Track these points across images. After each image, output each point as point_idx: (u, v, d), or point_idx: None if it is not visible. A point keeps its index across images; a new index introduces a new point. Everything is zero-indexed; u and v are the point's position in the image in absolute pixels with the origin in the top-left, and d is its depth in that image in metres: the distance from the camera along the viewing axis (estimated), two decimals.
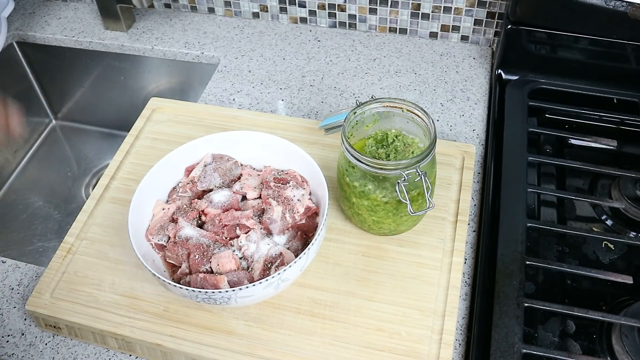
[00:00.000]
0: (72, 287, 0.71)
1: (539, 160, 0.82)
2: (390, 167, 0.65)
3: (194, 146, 0.77)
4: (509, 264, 0.69)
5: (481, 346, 0.65)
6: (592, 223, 0.80)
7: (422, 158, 0.65)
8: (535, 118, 0.89)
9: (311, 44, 1.07)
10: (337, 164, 0.72)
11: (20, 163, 1.13)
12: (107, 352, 0.69)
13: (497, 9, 0.99)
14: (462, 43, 1.05)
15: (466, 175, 0.80)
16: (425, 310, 0.68)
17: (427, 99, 0.96)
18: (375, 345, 0.65)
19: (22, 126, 0.47)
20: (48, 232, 1.06)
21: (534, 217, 0.78)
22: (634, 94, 0.89)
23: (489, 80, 0.99)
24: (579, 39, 0.89)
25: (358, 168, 0.67)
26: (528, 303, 0.66)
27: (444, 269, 0.71)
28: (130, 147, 0.87)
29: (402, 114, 0.71)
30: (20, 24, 1.16)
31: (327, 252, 0.73)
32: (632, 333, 0.65)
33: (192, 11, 1.16)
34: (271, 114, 0.93)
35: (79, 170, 1.15)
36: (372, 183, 0.68)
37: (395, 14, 1.04)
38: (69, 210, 1.09)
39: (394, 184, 0.67)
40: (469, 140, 0.89)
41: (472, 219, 0.79)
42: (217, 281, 0.64)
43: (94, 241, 0.76)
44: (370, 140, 0.73)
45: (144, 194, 0.72)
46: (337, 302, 0.69)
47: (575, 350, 0.66)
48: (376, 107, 0.71)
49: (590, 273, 0.70)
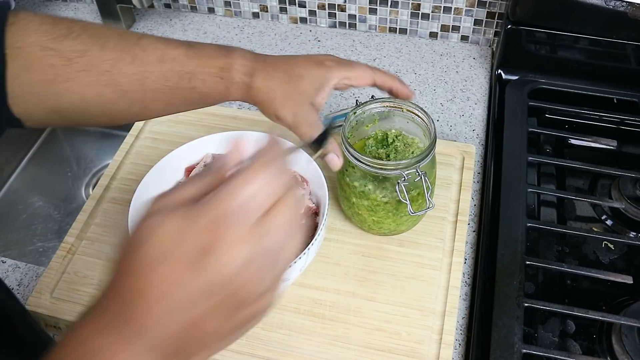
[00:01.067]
0: (72, 287, 0.71)
1: (539, 160, 0.82)
2: (391, 167, 0.65)
3: (194, 146, 0.77)
4: (509, 264, 0.69)
5: (481, 346, 0.65)
6: (592, 223, 0.80)
7: (422, 158, 0.65)
8: (535, 118, 0.89)
9: (311, 44, 1.07)
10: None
11: (20, 163, 1.13)
12: None
13: (497, 9, 0.99)
14: (462, 43, 1.05)
15: (466, 175, 0.80)
16: (425, 310, 0.68)
17: (427, 99, 0.96)
18: (375, 345, 0.65)
19: None
20: (48, 232, 1.06)
21: (534, 217, 0.78)
22: (634, 94, 0.89)
23: (489, 80, 0.99)
24: (579, 39, 0.89)
25: (358, 168, 0.67)
26: (528, 303, 0.66)
27: (444, 269, 0.71)
28: (130, 147, 0.87)
29: (402, 114, 0.71)
30: None
31: (327, 252, 0.73)
32: (632, 333, 0.65)
33: (192, 11, 1.16)
34: None
35: (79, 170, 1.15)
36: (372, 183, 0.68)
37: (395, 14, 1.04)
38: (69, 210, 1.09)
39: (394, 184, 0.67)
40: (469, 140, 0.89)
41: (472, 219, 0.79)
42: None
43: (94, 241, 0.76)
44: (370, 140, 0.73)
45: (144, 194, 0.72)
46: (337, 302, 0.69)
47: (575, 350, 0.66)
48: (376, 107, 0.71)
49: (590, 273, 0.70)
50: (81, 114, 0.60)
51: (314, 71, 0.64)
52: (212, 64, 0.61)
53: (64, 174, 1.14)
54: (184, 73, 0.60)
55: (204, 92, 0.62)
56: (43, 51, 0.55)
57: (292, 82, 0.63)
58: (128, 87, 0.59)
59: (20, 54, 0.54)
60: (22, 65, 0.55)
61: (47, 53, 0.55)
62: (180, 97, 0.62)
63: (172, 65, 0.60)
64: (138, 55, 0.59)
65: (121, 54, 0.58)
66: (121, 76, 0.58)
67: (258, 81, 0.63)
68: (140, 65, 0.59)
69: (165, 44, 0.61)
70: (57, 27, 0.56)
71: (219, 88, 0.62)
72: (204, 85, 0.62)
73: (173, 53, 0.60)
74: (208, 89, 0.62)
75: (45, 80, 0.56)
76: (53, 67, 0.56)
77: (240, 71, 0.62)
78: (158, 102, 0.62)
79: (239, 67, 0.62)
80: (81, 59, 0.56)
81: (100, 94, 0.58)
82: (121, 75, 0.58)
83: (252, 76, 0.63)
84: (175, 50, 0.60)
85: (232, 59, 0.62)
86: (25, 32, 0.55)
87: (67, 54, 0.56)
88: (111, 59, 0.57)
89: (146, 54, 0.59)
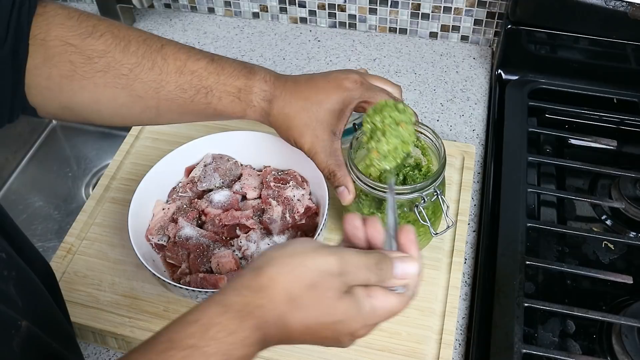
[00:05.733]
0: (72, 287, 0.71)
1: (539, 160, 0.82)
2: (407, 192, 0.63)
3: (194, 146, 0.77)
4: (509, 264, 0.69)
5: (481, 346, 0.65)
6: (592, 223, 0.80)
7: (436, 177, 0.64)
8: (535, 118, 0.89)
9: (311, 44, 1.07)
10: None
11: (20, 163, 1.12)
12: (107, 352, 0.69)
13: (497, 9, 0.99)
14: (462, 43, 1.05)
15: (466, 175, 0.80)
16: (425, 310, 0.68)
17: (427, 99, 0.96)
18: (375, 345, 0.65)
19: None
20: (48, 232, 1.06)
21: (534, 217, 0.78)
22: (634, 94, 0.89)
23: (489, 80, 0.99)
24: (579, 39, 0.89)
25: (371, 195, 0.66)
26: (528, 303, 0.66)
27: (444, 269, 0.71)
28: (130, 147, 0.87)
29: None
30: None
31: None
32: (632, 333, 0.65)
33: (192, 11, 1.16)
34: None
35: (79, 170, 1.15)
36: (379, 209, 0.67)
37: (395, 14, 1.04)
38: (69, 210, 1.09)
39: (403, 206, 0.66)
40: (469, 140, 0.89)
41: (472, 219, 0.79)
42: (217, 281, 0.64)
43: (94, 241, 0.76)
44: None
45: (144, 194, 0.72)
46: None
47: (575, 350, 0.66)
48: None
49: (590, 273, 0.70)
50: (94, 114, 0.60)
51: (335, 96, 0.63)
52: (231, 83, 0.61)
53: (64, 174, 1.14)
54: (201, 87, 0.60)
55: (220, 109, 0.62)
56: (64, 46, 0.55)
57: (312, 110, 0.62)
58: (143, 93, 0.59)
59: (42, 45, 0.54)
60: (43, 57, 0.55)
61: (68, 49, 0.55)
62: (195, 110, 0.62)
63: (191, 78, 0.60)
64: (158, 63, 0.58)
65: (141, 60, 0.58)
66: (138, 82, 0.58)
67: (277, 108, 0.62)
68: (159, 73, 0.59)
69: (187, 54, 0.60)
70: (82, 24, 0.56)
71: (235, 108, 0.62)
72: (219, 103, 0.61)
73: (193, 66, 0.60)
74: (224, 107, 0.62)
75: (62, 75, 0.56)
76: (72, 63, 0.56)
77: (260, 96, 0.62)
78: (172, 111, 0.62)
79: (259, 91, 0.62)
80: (101, 60, 0.57)
81: (114, 97, 0.58)
82: (138, 80, 0.58)
83: (271, 102, 0.62)
84: (196, 63, 0.60)
85: (252, 81, 0.62)
86: (50, 24, 0.55)
87: (87, 53, 0.56)
88: (130, 63, 0.57)
89: (166, 62, 0.59)
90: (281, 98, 0.62)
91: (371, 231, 0.47)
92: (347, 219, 0.47)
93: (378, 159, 0.61)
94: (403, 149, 0.61)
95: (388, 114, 0.61)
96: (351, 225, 0.47)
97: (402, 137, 0.61)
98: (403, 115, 0.61)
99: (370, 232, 0.47)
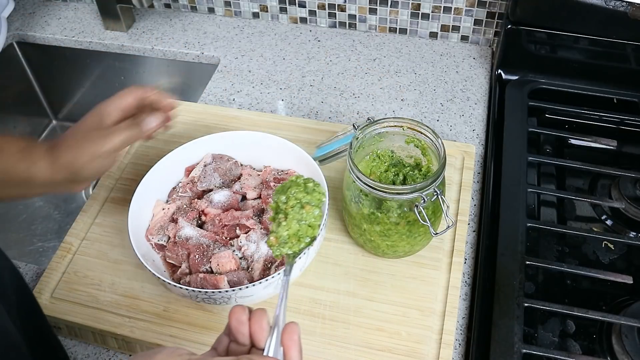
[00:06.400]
0: (72, 287, 0.71)
1: (539, 160, 0.82)
2: (407, 191, 0.63)
3: (194, 146, 0.77)
4: (509, 264, 0.69)
5: (481, 346, 0.65)
6: (592, 223, 0.80)
7: (436, 177, 0.63)
8: (535, 118, 0.89)
9: (311, 44, 1.07)
10: (343, 193, 0.70)
11: None
12: (107, 352, 0.69)
13: (497, 9, 0.99)
14: (462, 43, 1.05)
15: (466, 175, 0.80)
16: (425, 310, 0.68)
17: (427, 99, 0.96)
18: (375, 345, 0.65)
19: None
20: (48, 232, 1.06)
21: (534, 217, 0.78)
22: (634, 94, 0.89)
23: (489, 80, 0.99)
24: (579, 39, 0.89)
25: (371, 195, 0.65)
26: (528, 303, 0.66)
27: (444, 269, 0.71)
28: (130, 147, 0.86)
29: (402, 132, 0.70)
30: (20, 24, 1.16)
31: (327, 252, 0.73)
32: (632, 333, 0.65)
33: (192, 11, 1.16)
34: (271, 114, 0.93)
35: None
36: (379, 209, 0.67)
37: (395, 14, 1.04)
38: (69, 210, 1.09)
39: (402, 206, 0.66)
40: (469, 140, 0.89)
41: (472, 219, 0.79)
42: (217, 281, 0.64)
43: (94, 241, 0.76)
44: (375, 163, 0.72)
45: (144, 194, 0.72)
46: (336, 302, 0.69)
47: (575, 350, 0.66)
48: (376, 128, 0.69)
49: (590, 273, 0.70)
50: None
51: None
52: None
53: None
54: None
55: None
56: None
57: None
58: None
59: None
60: None
61: None
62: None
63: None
64: None
65: None
66: None
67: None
68: None
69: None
70: None
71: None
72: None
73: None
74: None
75: None
76: None
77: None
78: None
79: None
80: None
81: None
82: None
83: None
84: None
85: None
86: None
87: None
88: None
89: None
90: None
91: (255, 328, 0.46)
92: (233, 312, 0.46)
93: (277, 245, 0.57)
94: (307, 233, 0.57)
95: (294, 195, 0.57)
96: (236, 319, 0.46)
97: (306, 220, 0.57)
98: (310, 196, 0.58)
99: (255, 328, 0.46)
